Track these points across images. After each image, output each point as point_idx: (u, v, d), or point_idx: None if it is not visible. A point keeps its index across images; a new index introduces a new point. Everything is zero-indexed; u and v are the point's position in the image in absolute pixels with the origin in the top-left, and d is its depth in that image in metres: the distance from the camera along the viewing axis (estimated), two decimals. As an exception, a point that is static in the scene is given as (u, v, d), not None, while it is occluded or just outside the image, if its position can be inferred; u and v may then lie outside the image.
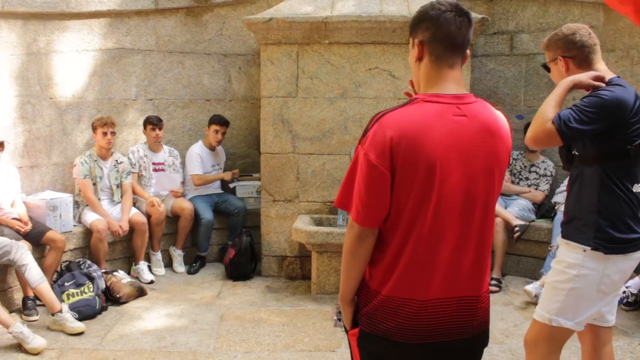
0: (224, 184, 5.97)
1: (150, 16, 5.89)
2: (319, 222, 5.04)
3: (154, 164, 5.55)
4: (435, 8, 1.70)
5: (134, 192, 5.34)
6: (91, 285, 4.44)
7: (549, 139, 2.29)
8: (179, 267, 5.51)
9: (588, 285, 2.37)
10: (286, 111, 5.20)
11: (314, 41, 5.13)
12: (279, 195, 5.29)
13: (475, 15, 5.02)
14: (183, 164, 5.78)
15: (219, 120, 5.69)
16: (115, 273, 4.78)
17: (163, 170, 5.58)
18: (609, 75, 2.42)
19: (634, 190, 2.38)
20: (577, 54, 2.43)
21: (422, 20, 1.72)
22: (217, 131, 5.67)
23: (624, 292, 4.37)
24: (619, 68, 5.26)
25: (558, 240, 2.55)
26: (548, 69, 2.57)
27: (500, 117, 1.76)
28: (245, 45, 6.14)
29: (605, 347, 2.61)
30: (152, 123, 5.48)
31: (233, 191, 5.92)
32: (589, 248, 2.35)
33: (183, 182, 5.75)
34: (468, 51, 1.76)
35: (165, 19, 5.96)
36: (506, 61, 5.88)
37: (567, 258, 2.41)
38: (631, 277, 4.37)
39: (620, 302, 4.38)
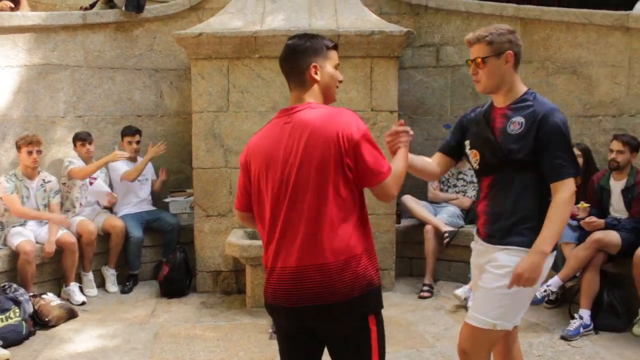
0: (158, 198, 5.91)
1: (78, 31, 5.80)
2: (252, 236, 5.06)
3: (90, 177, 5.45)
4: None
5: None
6: (17, 310, 4.29)
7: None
8: (112, 286, 5.40)
9: None
10: (218, 125, 5.21)
11: (245, 55, 5.17)
12: (212, 210, 5.29)
13: (401, 29, 5.19)
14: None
15: (130, 131, 5.65)
16: (43, 296, 4.64)
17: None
18: (522, 86, 2.54)
19: None
20: (519, 51, 2.50)
21: None
22: (130, 142, 5.63)
23: (545, 290, 4.56)
24: (536, 78, 5.54)
25: (486, 247, 2.58)
26: (477, 64, 2.47)
27: (327, 114, 2.07)
28: (177, 60, 6.11)
29: (515, 343, 2.74)
30: (82, 139, 5.40)
31: (166, 206, 5.86)
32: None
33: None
34: (311, 73, 2.12)
35: (94, 34, 5.88)
36: (433, 72, 6.09)
37: (510, 263, 2.44)
38: (550, 276, 4.58)
39: (542, 300, 4.58)
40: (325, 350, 2.20)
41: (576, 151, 4.93)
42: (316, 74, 2.12)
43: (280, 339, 2.26)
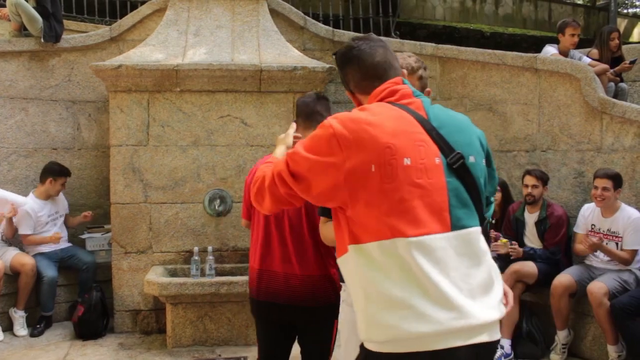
0: (73, 234, 5.64)
1: (-11, 60, 5.54)
2: (173, 273, 4.91)
3: None
4: None
5: None
6: None
7: None
8: (21, 330, 5.04)
9: None
10: (137, 160, 5.07)
11: (165, 89, 5.08)
12: (131, 246, 5.09)
13: (323, 65, 5.26)
14: None
15: (65, 172, 5.41)
16: (-59, 342, 4.30)
17: None
18: None
19: None
20: None
21: None
22: (63, 184, 5.38)
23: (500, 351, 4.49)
24: (455, 115, 5.73)
25: None
26: None
27: None
28: (96, 92, 5.92)
29: None
30: None
31: (82, 243, 5.60)
32: None
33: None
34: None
35: (5, 62, 5.63)
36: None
37: None
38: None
39: None
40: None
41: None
42: None
43: (265, 329, 2.85)
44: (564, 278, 4.41)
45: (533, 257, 4.65)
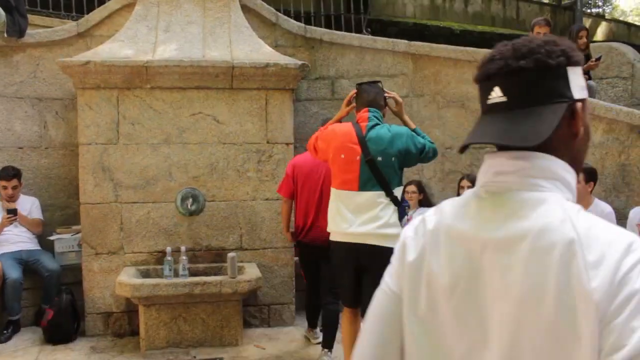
0: (42, 236, 5.48)
1: (-53, 62, 5.34)
2: (145, 274, 4.82)
3: None
4: None
5: None
6: None
7: None
8: (-14, 336, 4.91)
9: None
10: (107, 158, 4.96)
11: (135, 86, 4.98)
12: (101, 247, 4.98)
13: (296, 62, 5.22)
14: None
15: (6, 174, 5.18)
16: None
17: None
18: None
19: None
20: None
21: None
22: (5, 187, 5.17)
23: None
24: (428, 111, 5.76)
25: None
26: None
27: None
28: (63, 89, 5.76)
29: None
30: None
31: (51, 245, 5.44)
32: None
33: None
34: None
35: (-33, 58, 5.44)
36: (328, 105, 6.15)
37: None
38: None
39: None
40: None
41: (467, 182, 5.16)
42: None
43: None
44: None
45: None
